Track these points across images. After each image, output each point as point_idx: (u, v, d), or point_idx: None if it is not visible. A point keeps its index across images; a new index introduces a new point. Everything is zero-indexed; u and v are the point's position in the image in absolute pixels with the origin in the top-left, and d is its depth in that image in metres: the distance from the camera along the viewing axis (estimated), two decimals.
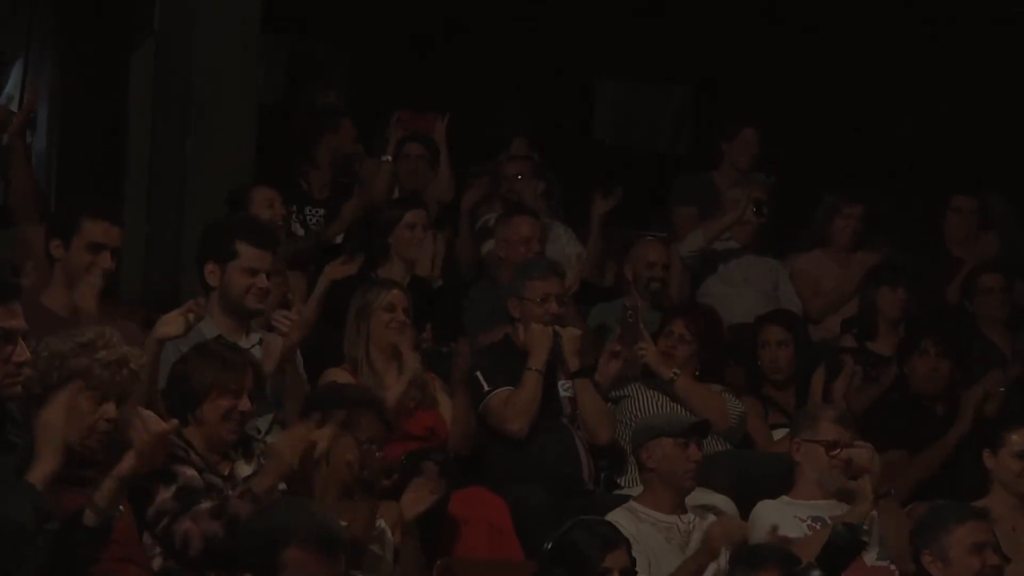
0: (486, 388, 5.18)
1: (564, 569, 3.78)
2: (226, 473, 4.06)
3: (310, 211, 6.58)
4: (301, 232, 6.45)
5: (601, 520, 3.99)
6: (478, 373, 5.22)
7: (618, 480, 5.36)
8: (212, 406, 4.00)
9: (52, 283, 4.58)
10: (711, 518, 4.75)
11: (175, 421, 3.43)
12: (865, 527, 4.49)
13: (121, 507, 3.34)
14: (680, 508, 4.79)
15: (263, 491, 3.85)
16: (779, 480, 5.02)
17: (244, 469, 4.09)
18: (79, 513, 3.27)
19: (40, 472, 3.23)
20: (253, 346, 4.78)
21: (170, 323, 4.27)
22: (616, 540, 3.85)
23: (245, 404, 4.04)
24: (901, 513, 4.86)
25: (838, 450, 4.85)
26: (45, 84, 6.47)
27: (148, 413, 3.39)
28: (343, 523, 3.40)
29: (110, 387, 3.62)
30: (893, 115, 8.20)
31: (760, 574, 4.02)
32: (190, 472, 3.92)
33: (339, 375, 4.96)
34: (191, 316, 4.29)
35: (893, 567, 4.74)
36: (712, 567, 4.50)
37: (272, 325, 4.78)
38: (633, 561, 3.90)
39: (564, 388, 5.27)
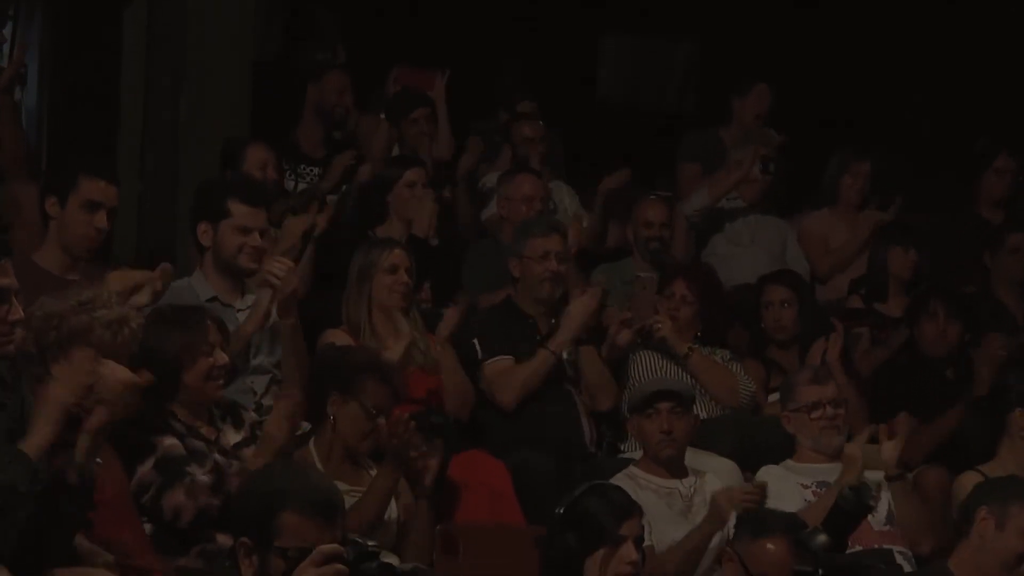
0: (480, 356, 5.12)
1: (576, 536, 3.72)
2: (213, 438, 4.02)
3: (304, 169, 6.50)
4: (295, 191, 6.37)
5: (615, 487, 3.94)
6: (475, 340, 5.15)
7: (620, 446, 5.30)
8: (191, 373, 3.96)
9: (46, 242, 4.54)
10: (713, 483, 4.68)
11: (149, 375, 3.35)
12: (872, 491, 4.42)
13: (99, 460, 3.27)
14: (680, 472, 4.74)
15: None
16: (783, 444, 4.98)
17: (232, 436, 4.06)
18: (60, 473, 3.22)
19: (35, 442, 3.20)
20: (248, 307, 4.71)
21: (122, 278, 4.23)
22: (631, 508, 3.80)
23: (221, 358, 4.02)
24: (915, 496, 4.78)
25: (820, 411, 4.78)
26: (35, 39, 6.37)
27: (111, 363, 3.33)
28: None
29: (111, 347, 3.59)
30: (907, 70, 8.08)
31: (766, 542, 3.96)
32: (169, 441, 3.89)
33: (338, 337, 4.90)
34: (158, 284, 4.23)
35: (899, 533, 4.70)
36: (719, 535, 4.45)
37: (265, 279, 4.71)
38: (643, 528, 3.84)
39: (566, 352, 5.20)
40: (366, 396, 4.22)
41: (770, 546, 4.02)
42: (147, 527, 3.85)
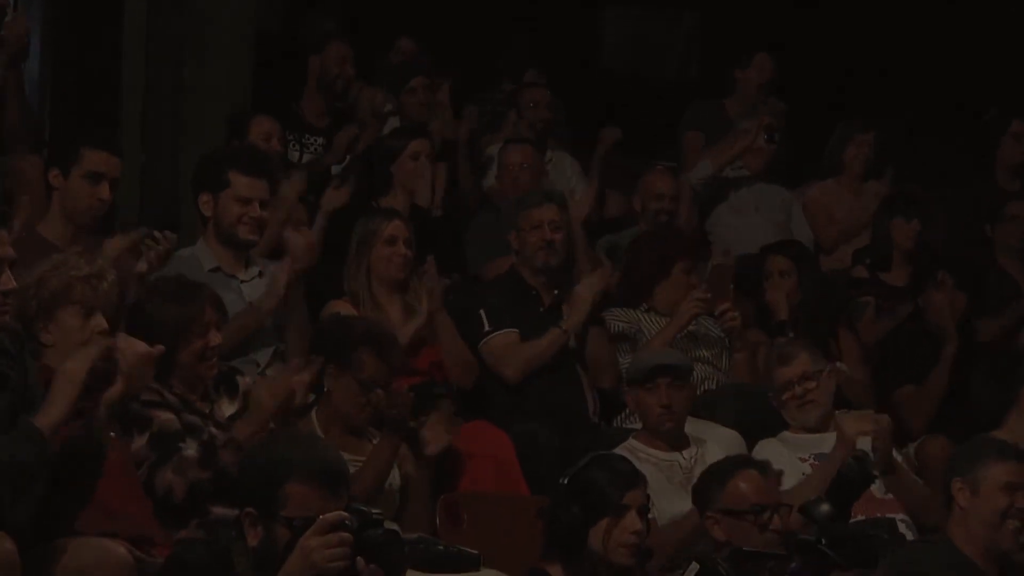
0: (487, 328, 5.12)
1: (581, 505, 3.72)
2: (207, 411, 4.01)
3: (308, 139, 6.49)
4: (300, 161, 6.36)
5: (619, 456, 3.95)
6: (482, 311, 5.15)
7: (614, 421, 5.30)
8: (185, 352, 3.94)
9: (49, 213, 4.53)
10: (716, 454, 4.68)
11: (161, 347, 3.36)
12: (875, 459, 4.42)
13: (112, 433, 3.27)
14: (680, 444, 4.73)
15: (246, 438, 3.82)
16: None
17: (228, 408, 4.05)
18: (71, 443, 3.21)
19: (50, 419, 3.17)
20: (252, 278, 4.71)
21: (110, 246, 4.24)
22: (635, 478, 3.81)
23: (215, 338, 4.00)
24: (910, 479, 4.77)
25: (790, 390, 4.79)
26: (38, 11, 6.35)
27: (127, 336, 3.34)
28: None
29: (94, 300, 3.63)
30: (912, 39, 8.03)
31: (736, 481, 4.00)
32: (165, 416, 3.87)
33: (342, 307, 4.90)
34: (159, 249, 4.22)
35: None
36: None
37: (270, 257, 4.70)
38: (648, 498, 3.84)
39: None
40: (360, 369, 4.21)
41: (741, 483, 4.02)
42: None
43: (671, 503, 4.52)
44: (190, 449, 3.84)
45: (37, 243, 4.37)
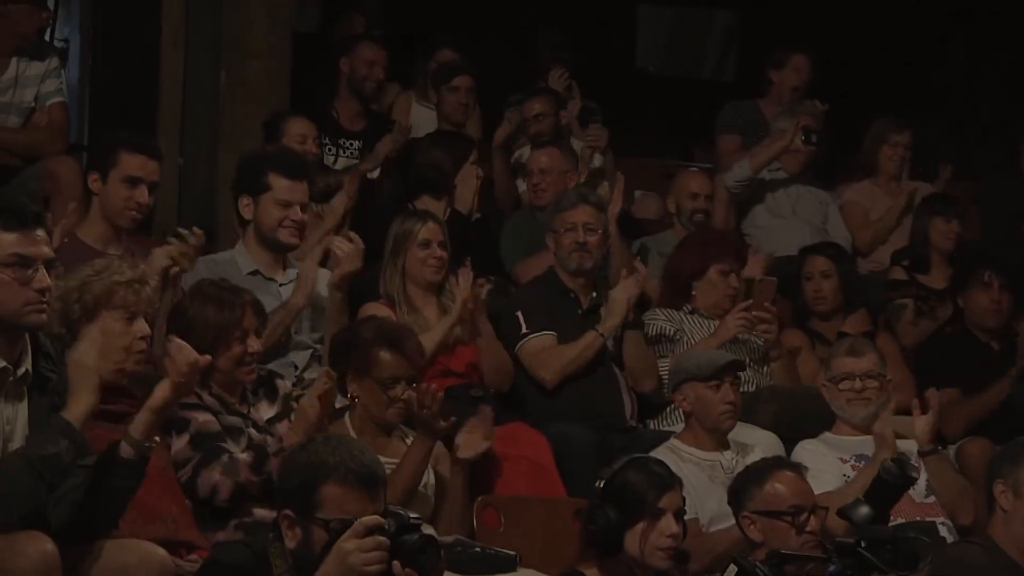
0: (524, 330, 5.13)
1: (617, 508, 3.71)
2: (246, 412, 4.03)
3: (344, 143, 6.50)
4: (335, 164, 6.37)
5: (655, 459, 3.93)
6: (519, 313, 5.16)
7: (650, 423, 5.29)
8: (223, 357, 3.97)
9: (89, 217, 4.57)
10: (756, 455, 4.67)
11: (207, 356, 3.38)
12: (914, 462, 4.40)
13: (156, 438, 3.29)
14: (722, 444, 4.73)
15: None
16: (824, 415, 4.94)
17: (267, 411, 4.06)
18: (115, 446, 3.26)
19: (76, 410, 3.22)
20: (291, 281, 4.73)
21: (160, 256, 4.25)
22: (671, 480, 3.79)
23: (254, 344, 4.02)
24: (952, 468, 4.74)
25: (851, 382, 4.79)
26: (77, 15, 6.40)
27: (180, 342, 3.37)
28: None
29: (136, 304, 3.67)
30: (946, 37, 7.97)
31: (772, 482, 3.98)
32: (204, 417, 3.89)
33: (378, 309, 4.90)
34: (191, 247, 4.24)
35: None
36: None
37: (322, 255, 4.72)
38: (683, 500, 3.83)
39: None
40: (378, 369, 4.21)
41: (778, 484, 4.00)
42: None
43: (713, 502, 4.51)
44: (242, 453, 3.86)
45: (79, 247, 4.39)
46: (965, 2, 7.94)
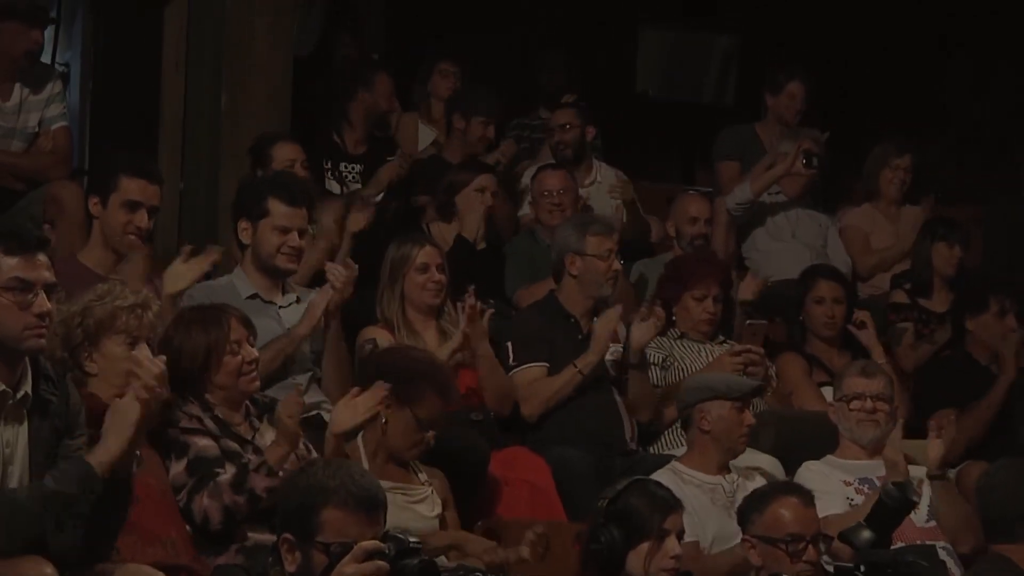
0: (511, 362, 5.11)
1: (620, 530, 3.71)
2: (250, 438, 4.01)
3: (346, 167, 6.51)
4: (336, 189, 6.38)
5: (656, 482, 3.93)
6: (509, 344, 5.14)
7: (650, 448, 5.28)
8: (221, 374, 3.96)
9: (90, 241, 4.58)
10: (757, 479, 4.66)
11: (162, 356, 3.31)
12: (916, 487, 4.39)
13: (138, 453, 3.28)
14: (725, 469, 4.73)
15: (276, 462, 3.81)
16: (824, 439, 4.94)
17: (270, 435, 4.03)
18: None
19: (103, 456, 3.18)
20: (290, 304, 4.73)
21: (177, 277, 4.24)
22: (674, 503, 3.80)
23: (249, 353, 4.00)
24: (957, 494, 4.74)
25: (861, 402, 4.78)
26: (78, 37, 6.41)
27: (138, 354, 3.27)
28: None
29: (139, 329, 3.66)
30: (946, 61, 7.98)
31: (776, 507, 3.96)
32: (203, 442, 3.88)
33: (378, 333, 4.90)
34: (207, 263, 4.23)
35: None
36: None
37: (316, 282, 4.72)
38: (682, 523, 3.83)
39: (609, 351, 5.17)
40: (421, 408, 4.15)
41: (780, 510, 3.99)
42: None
43: (715, 524, 4.52)
44: (225, 474, 3.84)
45: (80, 272, 4.39)
46: (967, 25, 7.95)
